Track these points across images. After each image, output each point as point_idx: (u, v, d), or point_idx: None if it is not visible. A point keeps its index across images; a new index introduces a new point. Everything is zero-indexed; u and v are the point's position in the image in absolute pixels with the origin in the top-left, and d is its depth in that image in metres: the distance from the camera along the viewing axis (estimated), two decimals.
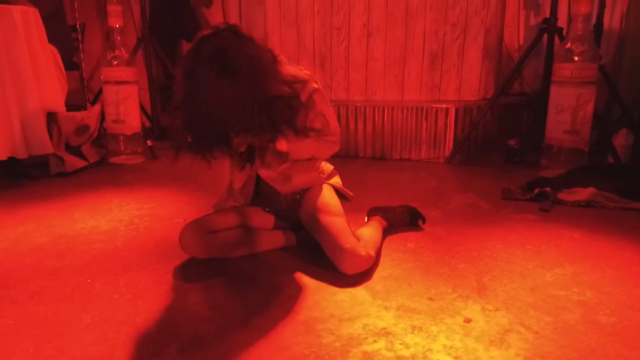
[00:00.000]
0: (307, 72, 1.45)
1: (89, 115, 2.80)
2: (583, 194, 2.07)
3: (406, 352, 1.04)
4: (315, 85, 1.44)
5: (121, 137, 2.94)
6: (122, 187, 2.38)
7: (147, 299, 1.28)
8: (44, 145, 2.44)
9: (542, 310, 1.21)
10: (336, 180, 1.67)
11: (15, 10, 2.33)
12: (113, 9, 2.79)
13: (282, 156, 1.45)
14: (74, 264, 1.50)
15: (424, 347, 1.06)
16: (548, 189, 2.12)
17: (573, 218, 1.90)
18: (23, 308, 1.24)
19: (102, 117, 2.97)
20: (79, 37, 3.20)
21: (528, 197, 2.12)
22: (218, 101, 1.18)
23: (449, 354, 1.04)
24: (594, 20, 2.64)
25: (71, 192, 2.29)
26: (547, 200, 2.05)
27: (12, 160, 2.49)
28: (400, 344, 1.07)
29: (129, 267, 1.47)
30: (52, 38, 2.66)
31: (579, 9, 2.28)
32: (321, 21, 3.13)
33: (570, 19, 2.47)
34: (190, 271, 1.44)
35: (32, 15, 2.45)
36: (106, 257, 1.56)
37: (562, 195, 2.10)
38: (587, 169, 2.30)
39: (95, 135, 2.95)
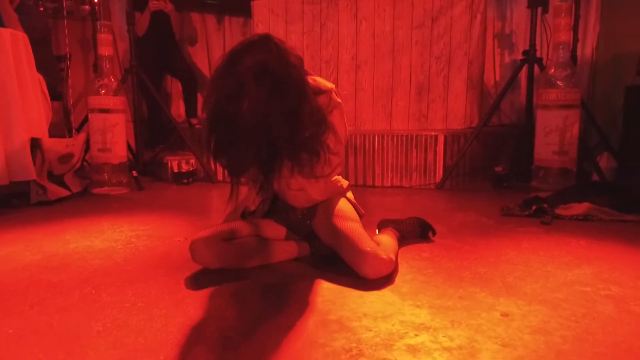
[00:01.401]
0: (328, 83, 1.45)
1: (74, 144, 2.70)
2: (579, 208, 2.11)
3: (452, 344, 0.99)
4: (338, 100, 1.44)
5: (105, 167, 2.84)
6: (111, 213, 2.27)
7: (162, 306, 1.19)
8: (27, 171, 2.32)
9: (575, 304, 1.19)
10: (350, 195, 1.64)
11: (5, 33, 2.28)
12: (104, 37, 2.78)
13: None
14: (73, 278, 1.38)
15: (468, 338, 1.01)
16: (545, 205, 2.16)
17: (575, 229, 1.92)
18: (24, 318, 1.12)
19: (87, 146, 2.88)
20: (68, 64, 3.15)
21: (527, 213, 2.15)
22: (270, 117, 1.13)
23: (496, 342, 0.99)
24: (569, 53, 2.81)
25: (57, 218, 2.16)
26: (546, 215, 2.08)
27: None
28: (444, 336, 1.02)
29: (135, 280, 1.37)
30: (39, 67, 2.61)
31: (559, 37, 2.43)
32: (310, 54, 3.21)
33: (548, 48, 2.62)
34: (204, 281, 1.35)
35: (22, 40, 2.41)
36: (107, 271, 1.45)
37: (560, 211, 2.14)
38: (577, 187, 2.37)
39: (78, 165, 2.84)
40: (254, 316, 1.13)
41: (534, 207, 2.16)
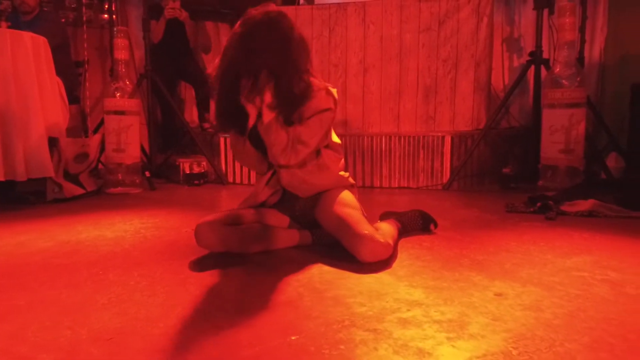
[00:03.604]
0: (331, 88, 1.54)
1: (90, 144, 2.79)
2: (585, 205, 2.11)
3: (443, 317, 1.01)
4: (331, 106, 1.50)
5: (119, 168, 2.92)
6: (123, 209, 2.34)
7: (165, 284, 1.23)
8: (45, 168, 2.41)
9: (570, 287, 1.20)
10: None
11: (27, 36, 2.39)
12: (120, 42, 2.88)
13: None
14: (82, 261, 1.44)
15: (459, 312, 1.04)
16: (550, 202, 2.16)
17: (579, 224, 1.92)
18: (35, 293, 1.18)
19: (102, 148, 2.97)
20: (86, 67, 3.26)
21: (532, 209, 2.15)
22: (258, 38, 1.36)
23: (487, 317, 1.01)
24: (576, 53, 2.82)
25: (71, 213, 2.24)
26: (550, 211, 2.08)
27: (9, 184, 2.44)
28: (435, 311, 1.05)
29: (141, 263, 1.42)
30: (57, 71, 2.71)
31: (564, 37, 2.45)
32: (319, 59, 3.28)
33: (555, 50, 2.64)
34: (207, 264, 1.40)
35: (42, 43, 2.52)
36: (115, 255, 1.50)
37: (565, 207, 2.13)
38: (583, 185, 2.36)
39: (93, 165, 2.93)
40: (252, 294, 1.17)
41: (538, 204, 2.16)
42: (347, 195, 1.56)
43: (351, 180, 1.66)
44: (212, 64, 1.46)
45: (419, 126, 3.16)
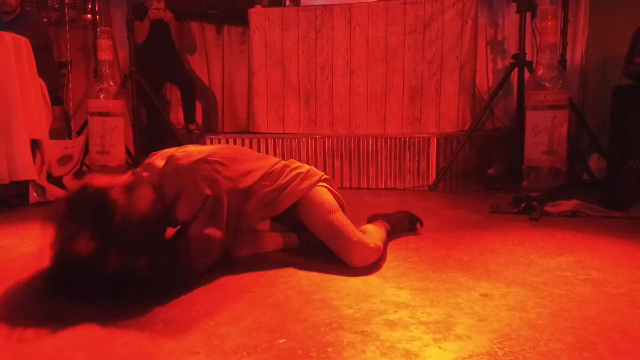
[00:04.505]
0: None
1: (73, 145, 2.76)
2: (568, 205, 2.15)
3: (429, 319, 1.02)
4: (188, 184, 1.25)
5: (103, 170, 2.89)
6: None
7: None
8: (27, 170, 2.37)
9: (554, 286, 1.22)
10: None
11: (8, 36, 2.35)
12: (104, 42, 2.85)
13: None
14: None
15: (446, 313, 1.05)
16: (534, 203, 2.20)
17: (562, 224, 1.95)
18: (16, 300, 1.16)
19: (86, 149, 2.93)
20: (69, 68, 3.22)
21: (516, 210, 2.18)
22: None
23: (473, 318, 1.03)
24: (558, 56, 2.87)
25: None
26: (534, 212, 2.12)
27: None
28: (422, 312, 1.06)
29: None
30: (40, 72, 2.67)
31: (546, 40, 2.50)
32: (306, 60, 3.28)
33: (538, 53, 2.69)
34: None
35: (24, 44, 2.48)
36: None
37: (548, 208, 2.17)
38: (566, 185, 2.41)
39: (77, 167, 2.89)
40: (239, 297, 1.17)
41: (523, 205, 2.19)
42: (326, 197, 1.48)
43: (315, 171, 1.53)
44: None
45: (405, 127, 3.19)
